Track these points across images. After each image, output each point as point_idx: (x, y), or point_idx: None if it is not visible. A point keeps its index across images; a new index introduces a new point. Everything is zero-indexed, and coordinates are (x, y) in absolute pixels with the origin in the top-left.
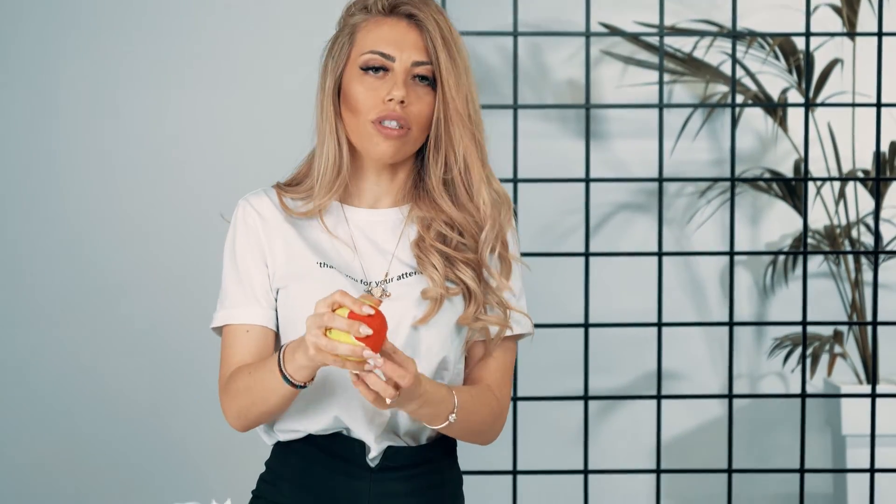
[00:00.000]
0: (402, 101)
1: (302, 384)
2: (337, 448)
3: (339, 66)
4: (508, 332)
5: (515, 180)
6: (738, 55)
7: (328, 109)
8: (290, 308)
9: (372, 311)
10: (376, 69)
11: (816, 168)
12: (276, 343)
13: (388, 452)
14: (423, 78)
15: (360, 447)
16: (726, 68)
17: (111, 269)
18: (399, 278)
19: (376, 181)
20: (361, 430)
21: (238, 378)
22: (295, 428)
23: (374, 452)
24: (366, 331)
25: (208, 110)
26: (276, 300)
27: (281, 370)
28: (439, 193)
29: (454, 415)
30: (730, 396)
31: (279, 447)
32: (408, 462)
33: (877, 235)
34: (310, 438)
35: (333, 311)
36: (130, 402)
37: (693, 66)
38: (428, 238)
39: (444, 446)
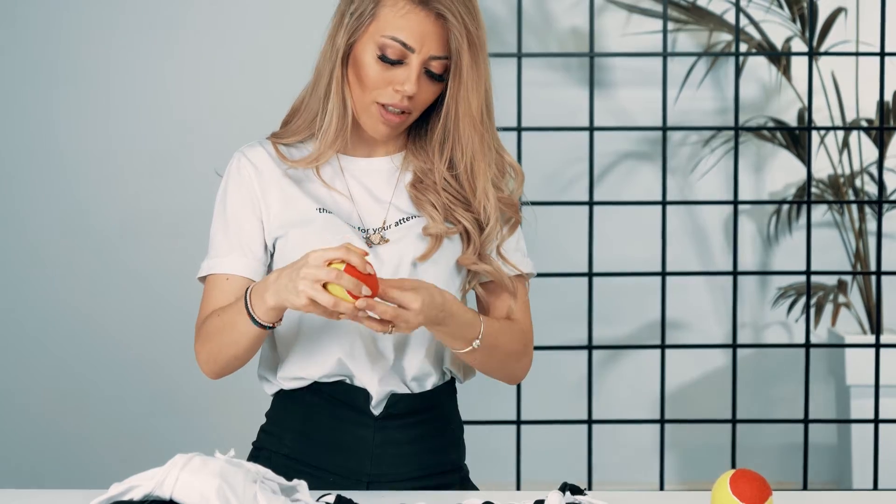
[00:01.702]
0: (411, 96)
1: (270, 325)
2: (341, 396)
3: (355, 30)
4: (512, 272)
5: (519, 129)
6: (742, 4)
7: (337, 69)
8: (292, 252)
9: (373, 271)
10: (393, 62)
11: (820, 117)
12: None
13: (392, 400)
14: (433, 70)
15: (364, 396)
16: (730, 17)
17: (111, 221)
18: (397, 224)
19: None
20: (364, 375)
21: (209, 322)
22: (298, 375)
23: (377, 399)
24: (367, 291)
25: (206, 65)
26: (272, 250)
27: (249, 313)
28: (444, 181)
29: (478, 341)
30: (734, 346)
31: (281, 397)
32: (410, 409)
33: (880, 185)
34: (313, 387)
35: (329, 264)
36: (130, 354)
37: (697, 15)
38: (427, 181)
39: (445, 393)
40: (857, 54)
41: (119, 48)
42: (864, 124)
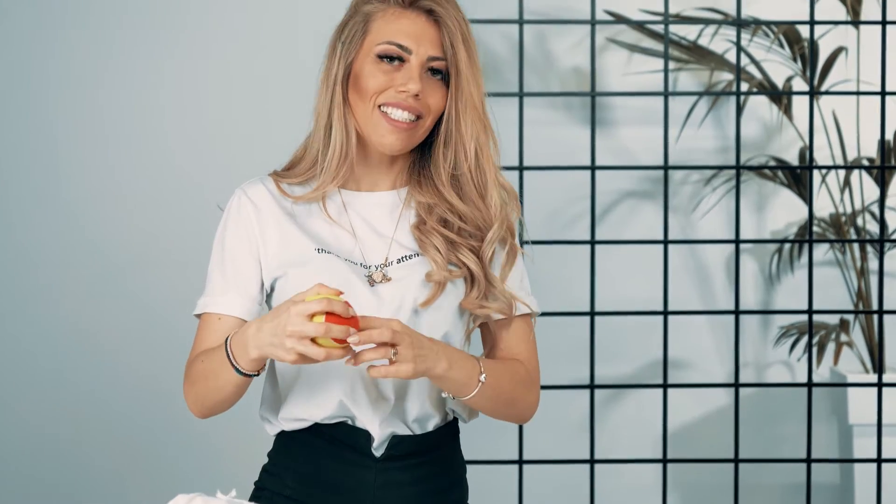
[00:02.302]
0: (416, 95)
1: (255, 373)
2: (342, 438)
3: (350, 53)
4: (522, 310)
5: (521, 168)
6: (743, 43)
7: (337, 96)
8: (292, 293)
9: (356, 313)
10: (392, 59)
11: (821, 156)
12: None
13: (393, 442)
14: (435, 71)
15: (365, 437)
16: (731, 56)
17: (115, 257)
18: (399, 261)
19: (377, 166)
20: (366, 416)
21: (194, 366)
22: (300, 416)
23: (379, 440)
24: (354, 337)
25: (207, 99)
26: (269, 290)
27: (232, 363)
28: (447, 188)
29: (484, 375)
30: (736, 385)
31: (282, 438)
32: (412, 450)
33: (882, 223)
34: (314, 428)
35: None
36: (132, 392)
37: (698, 54)
38: (430, 221)
39: (448, 434)
40: (857, 93)
41: (116, 82)
42: (866, 163)
